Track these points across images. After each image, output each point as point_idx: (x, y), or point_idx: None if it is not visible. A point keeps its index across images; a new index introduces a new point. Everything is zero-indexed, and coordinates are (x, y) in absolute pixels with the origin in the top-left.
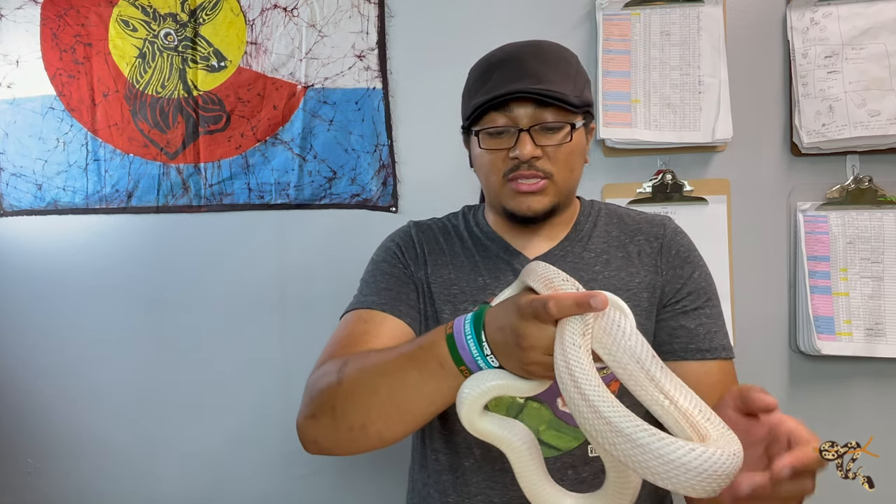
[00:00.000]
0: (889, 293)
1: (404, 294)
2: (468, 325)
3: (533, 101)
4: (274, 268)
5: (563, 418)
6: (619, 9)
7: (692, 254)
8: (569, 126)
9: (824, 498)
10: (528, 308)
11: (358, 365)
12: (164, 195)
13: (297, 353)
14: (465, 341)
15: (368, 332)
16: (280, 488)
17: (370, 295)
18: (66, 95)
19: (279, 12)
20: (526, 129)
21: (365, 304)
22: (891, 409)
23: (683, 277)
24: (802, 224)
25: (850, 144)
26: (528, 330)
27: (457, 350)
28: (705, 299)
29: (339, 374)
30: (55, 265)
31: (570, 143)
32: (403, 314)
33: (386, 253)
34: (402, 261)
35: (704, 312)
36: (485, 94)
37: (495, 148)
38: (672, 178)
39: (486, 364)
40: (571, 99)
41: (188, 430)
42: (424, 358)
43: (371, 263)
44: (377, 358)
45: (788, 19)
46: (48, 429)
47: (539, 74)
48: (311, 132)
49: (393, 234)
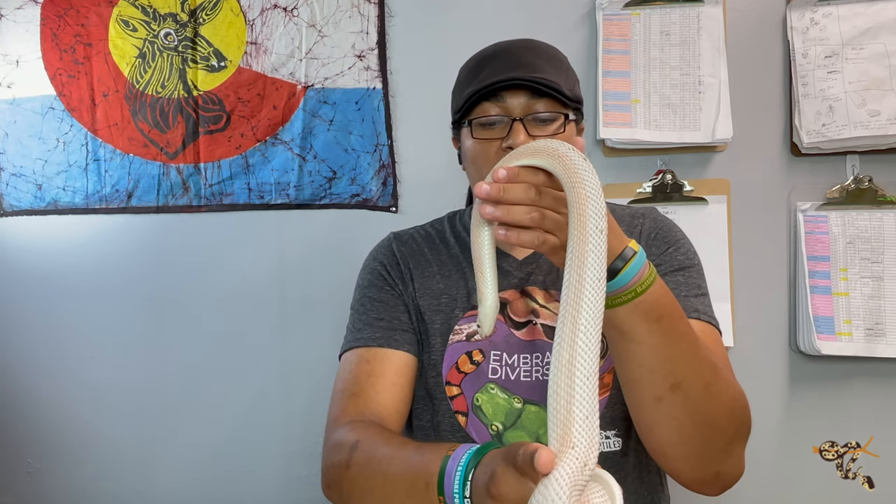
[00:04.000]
0: (889, 293)
1: (397, 320)
2: (465, 457)
3: (526, 91)
4: (274, 268)
5: None
6: (619, 9)
7: (671, 234)
8: (562, 117)
9: (824, 498)
10: (511, 455)
11: (366, 455)
12: (164, 195)
13: (297, 354)
14: (454, 473)
15: (373, 372)
16: (280, 488)
17: (365, 330)
18: (66, 95)
19: (279, 12)
20: (519, 118)
21: (362, 342)
22: (891, 409)
23: (657, 255)
24: (802, 224)
25: (850, 144)
26: (504, 477)
27: (443, 478)
28: (679, 268)
29: (349, 456)
30: (55, 265)
31: (563, 134)
32: (401, 343)
33: (371, 276)
34: (388, 282)
35: (676, 280)
36: (477, 85)
37: (488, 138)
38: (672, 178)
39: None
40: (565, 91)
41: (188, 430)
42: (418, 473)
43: (358, 290)
44: (384, 453)
45: (788, 19)
46: (49, 428)
47: (533, 65)
48: (311, 132)
49: (374, 251)
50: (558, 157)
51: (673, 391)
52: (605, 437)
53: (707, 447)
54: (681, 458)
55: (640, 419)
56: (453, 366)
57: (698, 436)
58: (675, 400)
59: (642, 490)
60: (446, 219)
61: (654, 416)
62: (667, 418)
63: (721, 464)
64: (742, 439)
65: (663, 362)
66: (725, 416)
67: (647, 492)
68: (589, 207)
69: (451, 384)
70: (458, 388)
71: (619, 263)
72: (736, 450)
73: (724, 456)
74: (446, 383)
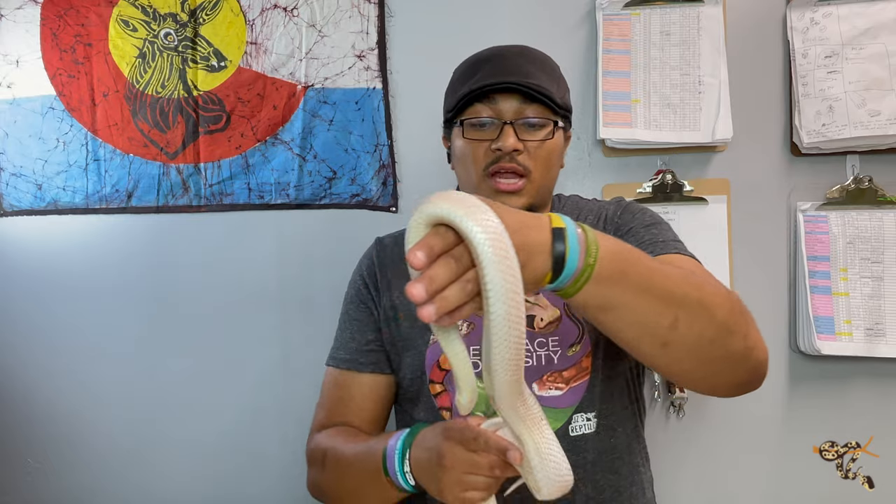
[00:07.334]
0: (889, 293)
1: (365, 341)
2: (400, 441)
3: (518, 96)
4: (274, 268)
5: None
6: (619, 9)
7: (635, 206)
8: (552, 123)
9: (824, 498)
10: (456, 434)
11: (335, 458)
12: (164, 195)
13: (296, 353)
14: (394, 455)
15: (343, 398)
16: (279, 487)
17: (340, 350)
18: (66, 95)
19: (279, 12)
20: (510, 122)
21: (335, 363)
22: (891, 409)
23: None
24: (802, 224)
25: (850, 144)
26: (451, 451)
27: (386, 461)
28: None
29: (323, 462)
30: (55, 265)
31: (552, 141)
32: (366, 365)
33: (352, 290)
34: (364, 297)
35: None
36: (471, 86)
37: (478, 139)
38: (672, 178)
39: (403, 480)
40: (556, 98)
41: (188, 430)
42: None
43: (343, 302)
44: (348, 453)
45: (788, 19)
46: (49, 428)
47: (525, 71)
48: (311, 132)
49: (361, 258)
50: (428, 211)
51: (673, 329)
52: (585, 420)
53: (729, 351)
54: (712, 374)
55: (657, 368)
56: (435, 364)
57: (717, 349)
58: (679, 336)
59: (623, 470)
60: None
61: (669, 359)
62: (681, 354)
63: (747, 357)
64: (751, 324)
65: (649, 311)
66: (728, 315)
67: (629, 472)
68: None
69: (435, 382)
70: (442, 386)
71: (560, 247)
72: (752, 334)
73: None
74: (430, 381)
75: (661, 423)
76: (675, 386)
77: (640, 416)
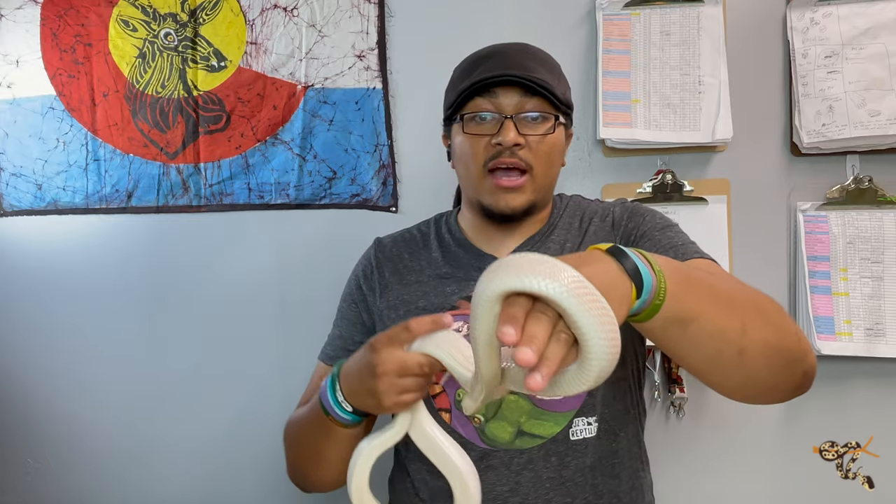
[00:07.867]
0: (889, 293)
1: (351, 340)
2: (328, 379)
3: (519, 90)
4: (274, 268)
5: (541, 406)
6: (619, 9)
7: (641, 208)
8: (553, 118)
9: (824, 498)
10: (382, 338)
11: (290, 430)
12: (164, 195)
13: (296, 353)
14: (325, 390)
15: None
16: (279, 486)
17: (329, 345)
18: (66, 95)
19: (279, 12)
20: (510, 116)
21: (323, 357)
22: (891, 409)
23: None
24: (802, 224)
25: (850, 144)
26: (380, 357)
27: (322, 401)
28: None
29: (285, 431)
30: (55, 265)
31: (553, 136)
32: None
33: (348, 289)
34: (358, 297)
35: (667, 235)
36: (471, 81)
37: (478, 133)
38: (672, 178)
39: (340, 409)
40: (557, 92)
41: (188, 430)
42: (313, 413)
43: (341, 299)
44: (296, 416)
45: (788, 19)
46: (48, 429)
47: (526, 66)
48: (311, 132)
49: (360, 258)
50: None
51: (744, 335)
52: (586, 424)
53: (790, 352)
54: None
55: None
56: None
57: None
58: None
59: (624, 475)
60: (433, 221)
61: (746, 370)
62: (757, 360)
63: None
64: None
65: (722, 318)
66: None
67: (629, 476)
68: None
69: (434, 383)
70: (440, 387)
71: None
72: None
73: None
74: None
75: (661, 424)
76: (675, 386)
77: (641, 420)
